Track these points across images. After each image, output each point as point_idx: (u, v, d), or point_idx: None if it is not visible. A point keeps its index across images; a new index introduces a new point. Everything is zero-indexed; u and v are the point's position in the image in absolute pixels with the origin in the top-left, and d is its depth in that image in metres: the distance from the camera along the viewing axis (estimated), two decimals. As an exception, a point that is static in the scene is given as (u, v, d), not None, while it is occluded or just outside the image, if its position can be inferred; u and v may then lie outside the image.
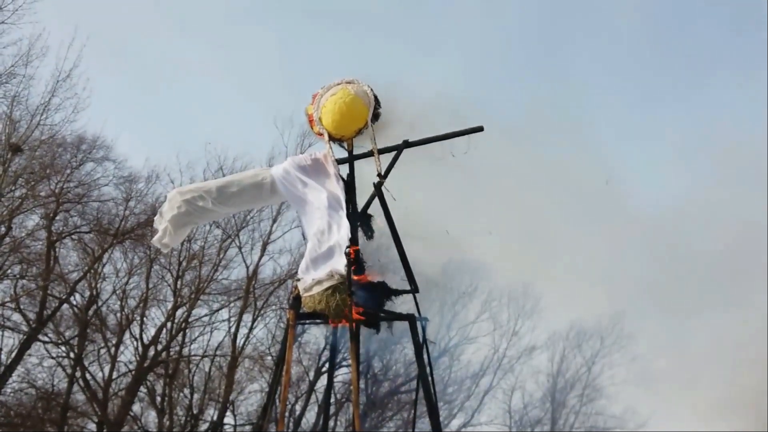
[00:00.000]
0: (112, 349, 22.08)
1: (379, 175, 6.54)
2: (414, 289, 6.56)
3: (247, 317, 23.20)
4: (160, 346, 22.30)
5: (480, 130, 6.50)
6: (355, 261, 6.19)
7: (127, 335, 22.37)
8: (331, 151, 6.72)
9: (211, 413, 23.37)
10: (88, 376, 21.43)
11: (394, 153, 6.62)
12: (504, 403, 29.27)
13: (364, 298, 6.21)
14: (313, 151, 6.91)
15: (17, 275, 20.16)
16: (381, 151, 6.62)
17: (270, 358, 22.78)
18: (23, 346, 20.07)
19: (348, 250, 6.14)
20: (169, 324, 22.33)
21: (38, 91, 18.13)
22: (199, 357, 23.37)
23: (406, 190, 6.68)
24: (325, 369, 23.45)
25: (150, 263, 22.29)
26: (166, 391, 22.50)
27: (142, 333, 22.32)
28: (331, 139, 6.74)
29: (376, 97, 6.74)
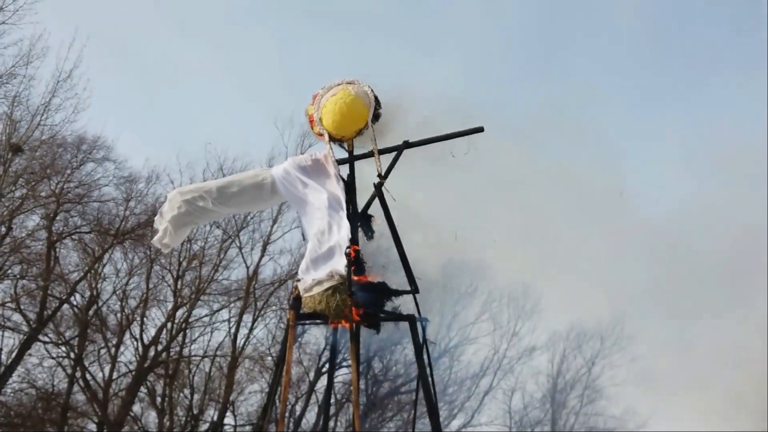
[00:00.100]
0: (113, 350, 22.10)
1: (380, 176, 6.54)
2: (414, 290, 6.55)
3: (248, 317, 23.23)
4: (160, 347, 22.30)
5: (480, 130, 6.50)
6: (356, 261, 6.18)
7: (127, 335, 22.39)
8: (332, 152, 6.72)
9: (212, 414, 23.39)
10: (88, 376, 21.43)
11: (394, 153, 6.62)
12: (504, 404, 29.29)
13: (364, 299, 6.20)
14: (313, 151, 6.91)
15: (17, 275, 20.15)
16: (381, 152, 6.61)
17: (270, 358, 22.78)
18: (23, 347, 20.06)
19: (348, 251, 6.13)
20: (170, 324, 22.33)
21: (39, 92, 18.14)
22: (200, 357, 23.38)
23: (407, 191, 6.67)
24: (325, 369, 23.43)
25: (150, 263, 22.29)
26: (167, 392, 22.49)
27: (142, 333, 22.34)
28: (332, 139, 6.73)
29: (376, 98, 6.73)
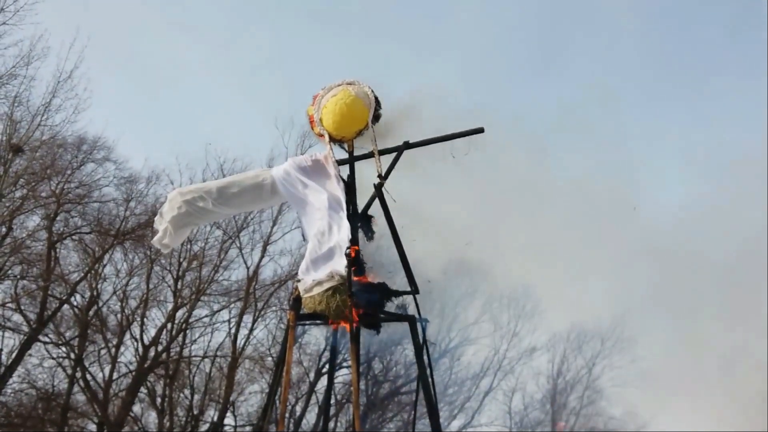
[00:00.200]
0: (113, 350, 22.09)
1: (380, 176, 6.54)
2: (414, 290, 6.55)
3: (248, 318, 23.24)
4: (160, 347, 22.30)
5: (480, 131, 6.50)
6: (356, 262, 6.18)
7: (127, 336, 22.39)
8: (332, 152, 6.72)
9: (212, 414, 23.39)
10: (88, 376, 21.42)
11: (394, 154, 6.62)
12: (504, 405, 29.30)
13: (364, 299, 6.20)
14: (313, 152, 6.91)
15: (18, 276, 20.15)
16: (381, 152, 6.61)
17: (270, 359, 22.77)
18: (24, 347, 20.06)
19: (348, 251, 6.13)
20: (170, 325, 22.32)
21: (39, 92, 18.17)
22: (200, 358, 23.38)
23: (407, 191, 6.67)
24: (325, 370, 23.43)
25: (150, 264, 22.29)
26: (167, 392, 22.49)
27: (142, 334, 22.34)
28: (332, 140, 6.74)
29: (376, 98, 6.73)
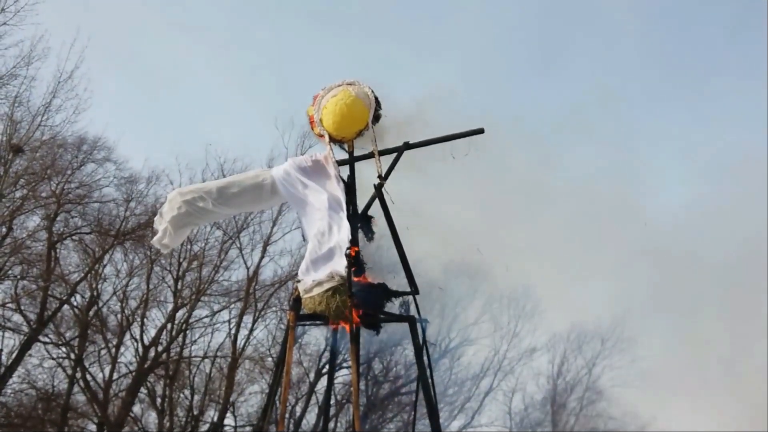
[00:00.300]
0: (113, 350, 22.09)
1: (380, 177, 6.53)
2: (414, 291, 6.55)
3: (248, 318, 23.22)
4: (160, 347, 22.29)
5: (480, 132, 6.51)
6: (356, 262, 6.18)
7: (127, 336, 22.38)
8: (332, 153, 6.72)
9: (212, 414, 23.38)
10: (88, 377, 21.42)
11: (394, 155, 6.62)
12: (504, 405, 29.23)
13: (364, 300, 6.20)
14: (313, 152, 6.91)
15: (18, 276, 20.15)
16: (381, 153, 6.61)
17: (270, 359, 22.77)
18: (24, 347, 20.05)
19: (348, 252, 6.13)
20: (170, 325, 22.33)
21: (39, 92, 18.19)
22: (200, 358, 23.37)
23: (407, 192, 6.68)
24: (325, 370, 23.42)
25: (150, 264, 22.29)
26: (167, 392, 22.48)
27: (142, 334, 22.34)
28: (332, 140, 6.74)
29: (377, 99, 6.73)
